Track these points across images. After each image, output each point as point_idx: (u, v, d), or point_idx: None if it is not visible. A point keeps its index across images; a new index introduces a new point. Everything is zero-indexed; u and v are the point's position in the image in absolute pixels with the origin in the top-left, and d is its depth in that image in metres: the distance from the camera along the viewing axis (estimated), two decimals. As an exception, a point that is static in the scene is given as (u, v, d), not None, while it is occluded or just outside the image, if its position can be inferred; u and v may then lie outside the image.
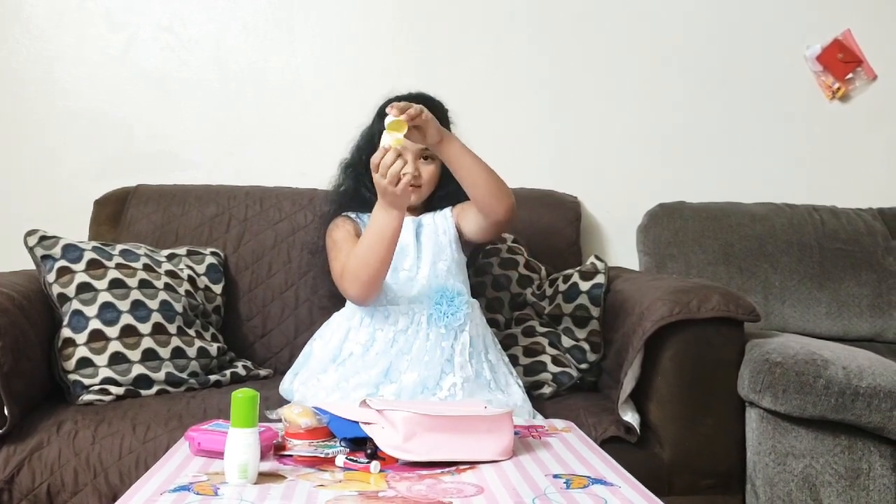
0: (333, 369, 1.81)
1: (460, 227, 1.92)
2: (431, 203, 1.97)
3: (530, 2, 2.61)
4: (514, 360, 2.03)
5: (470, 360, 1.80)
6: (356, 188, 1.95)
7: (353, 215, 1.96)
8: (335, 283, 1.87)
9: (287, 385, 1.90)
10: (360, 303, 1.83)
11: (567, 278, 2.16)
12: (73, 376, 1.88)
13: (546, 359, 2.05)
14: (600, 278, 2.11)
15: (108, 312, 1.92)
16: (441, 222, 1.93)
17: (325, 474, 1.33)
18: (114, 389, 1.88)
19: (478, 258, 2.15)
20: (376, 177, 1.68)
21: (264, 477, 1.30)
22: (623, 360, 1.88)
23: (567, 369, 2.05)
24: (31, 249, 1.98)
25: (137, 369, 1.91)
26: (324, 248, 1.94)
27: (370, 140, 1.92)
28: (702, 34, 2.67)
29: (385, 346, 1.79)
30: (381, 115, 1.88)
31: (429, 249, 1.89)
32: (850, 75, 2.69)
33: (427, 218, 1.95)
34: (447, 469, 1.37)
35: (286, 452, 1.43)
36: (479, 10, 2.60)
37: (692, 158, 2.68)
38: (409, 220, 1.90)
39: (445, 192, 1.94)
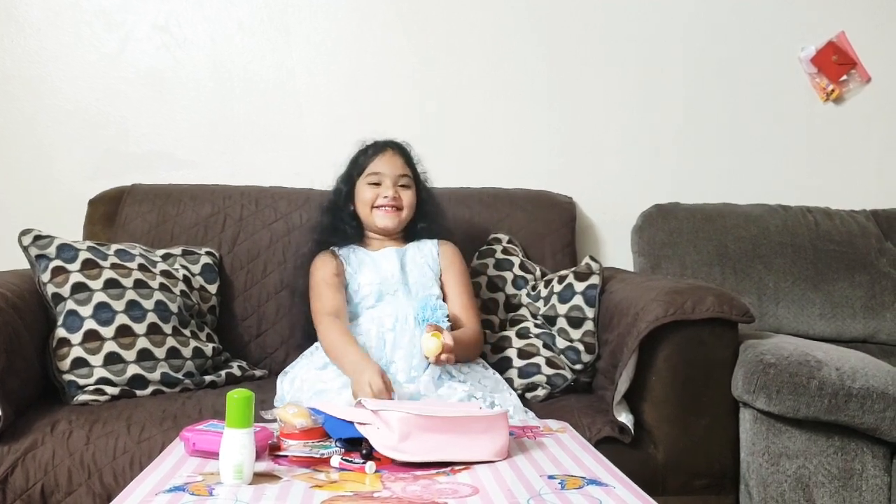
0: (333, 368, 1.84)
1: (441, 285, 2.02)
2: (412, 233, 2.07)
3: (527, 3, 2.61)
4: (508, 363, 2.04)
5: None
6: (334, 223, 2.04)
7: (337, 250, 2.02)
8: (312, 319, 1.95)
9: (278, 386, 1.92)
10: None
11: (562, 279, 2.16)
12: (67, 376, 1.87)
13: (540, 361, 2.05)
14: (595, 279, 2.12)
15: (103, 312, 1.92)
16: (426, 256, 2.02)
17: (321, 475, 1.33)
18: (109, 389, 1.88)
19: None
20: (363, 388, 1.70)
21: (259, 477, 1.31)
22: (617, 360, 1.89)
23: (561, 371, 2.05)
24: (25, 249, 1.98)
25: (132, 369, 1.91)
26: (305, 291, 2.00)
27: (346, 179, 2.05)
28: (697, 36, 2.67)
29: (378, 344, 1.87)
30: (351, 159, 2.05)
31: (414, 280, 1.98)
32: (844, 77, 2.70)
33: (412, 250, 2.03)
34: (442, 469, 1.37)
35: (281, 453, 1.43)
36: (474, 10, 2.60)
37: (687, 160, 2.69)
38: (393, 251, 2.01)
39: (426, 224, 2.06)
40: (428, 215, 2.07)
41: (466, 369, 1.88)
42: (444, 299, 1.99)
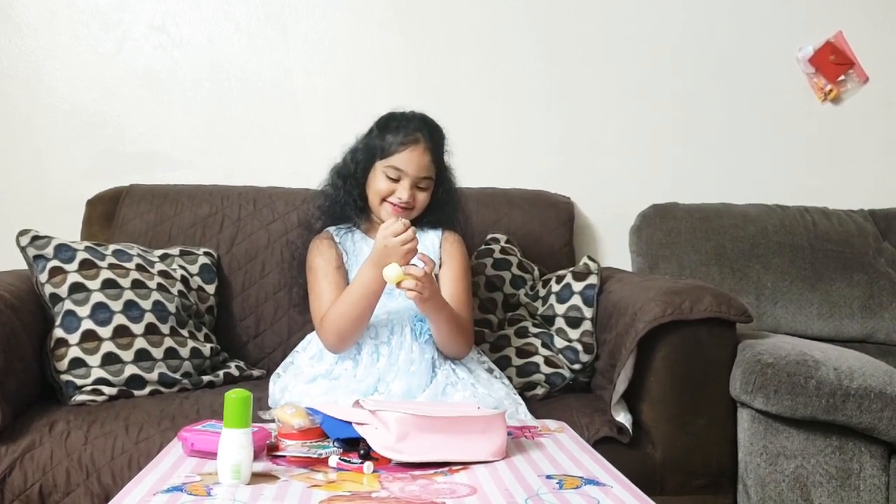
0: (323, 382, 1.80)
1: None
2: (417, 222, 1.93)
3: (525, 3, 2.61)
4: (506, 361, 2.04)
5: (449, 364, 1.83)
6: (341, 195, 1.93)
7: (334, 233, 1.93)
8: (312, 321, 1.85)
9: (271, 388, 1.88)
10: (334, 351, 1.82)
11: (560, 279, 2.16)
12: (65, 376, 1.87)
13: (539, 360, 2.05)
14: (593, 279, 2.12)
15: (101, 312, 1.92)
16: (427, 249, 1.90)
17: (318, 475, 1.33)
18: (106, 390, 1.87)
19: None
20: (383, 238, 1.67)
21: (257, 477, 1.30)
22: (616, 360, 1.89)
23: (560, 370, 2.05)
24: (23, 249, 1.97)
25: (130, 369, 1.90)
26: (303, 262, 1.92)
27: (366, 151, 1.90)
28: (695, 36, 2.68)
29: (370, 360, 1.80)
30: (379, 126, 1.91)
31: None
32: (841, 77, 2.70)
33: None
34: (440, 469, 1.37)
35: (279, 453, 1.42)
36: (472, 10, 2.60)
37: (685, 160, 2.69)
38: None
39: (434, 218, 1.94)
40: (442, 209, 1.93)
41: (464, 374, 1.82)
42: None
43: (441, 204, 1.93)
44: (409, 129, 1.87)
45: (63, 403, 1.86)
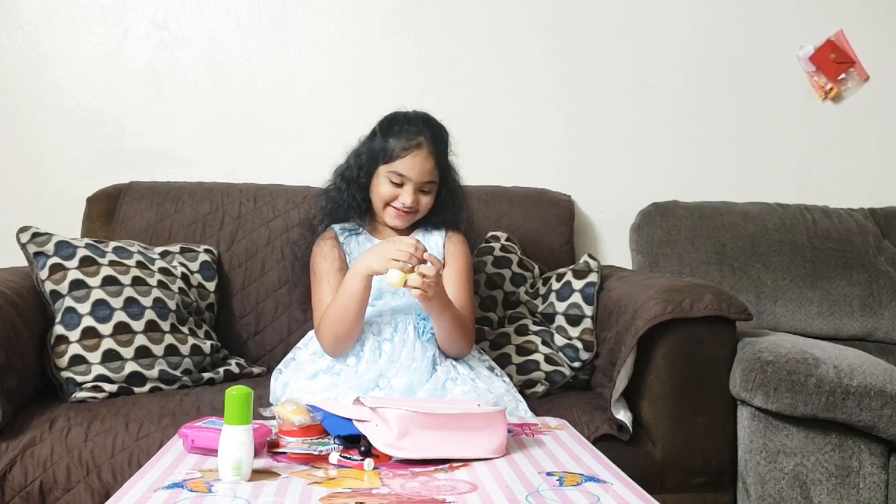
0: (324, 378, 1.81)
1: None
2: (421, 224, 1.95)
3: (526, 1, 2.61)
4: (506, 359, 2.04)
5: (450, 360, 1.83)
6: (345, 197, 1.93)
7: (339, 233, 1.93)
8: (313, 324, 1.87)
9: (272, 385, 1.89)
10: (333, 355, 1.82)
11: (560, 277, 2.17)
12: (65, 373, 1.87)
13: (539, 357, 2.05)
14: (593, 277, 2.12)
15: (101, 310, 1.92)
16: (431, 249, 1.90)
17: (319, 471, 1.33)
18: (107, 387, 1.87)
19: None
20: (389, 241, 1.70)
21: (258, 474, 1.31)
22: (616, 358, 1.89)
23: (560, 368, 2.05)
24: (23, 246, 1.97)
25: (130, 366, 1.91)
26: (306, 261, 1.94)
27: (369, 154, 1.90)
28: (695, 34, 2.68)
29: (372, 357, 1.81)
30: (382, 129, 1.90)
31: None
32: (842, 76, 2.70)
33: (417, 236, 1.92)
34: (440, 466, 1.37)
35: (280, 450, 1.43)
36: (474, 8, 2.60)
37: (685, 158, 2.69)
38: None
39: (438, 219, 1.94)
40: (446, 210, 1.94)
41: (464, 370, 1.83)
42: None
43: (445, 205, 1.94)
44: (411, 133, 1.86)
45: (63, 400, 1.86)
